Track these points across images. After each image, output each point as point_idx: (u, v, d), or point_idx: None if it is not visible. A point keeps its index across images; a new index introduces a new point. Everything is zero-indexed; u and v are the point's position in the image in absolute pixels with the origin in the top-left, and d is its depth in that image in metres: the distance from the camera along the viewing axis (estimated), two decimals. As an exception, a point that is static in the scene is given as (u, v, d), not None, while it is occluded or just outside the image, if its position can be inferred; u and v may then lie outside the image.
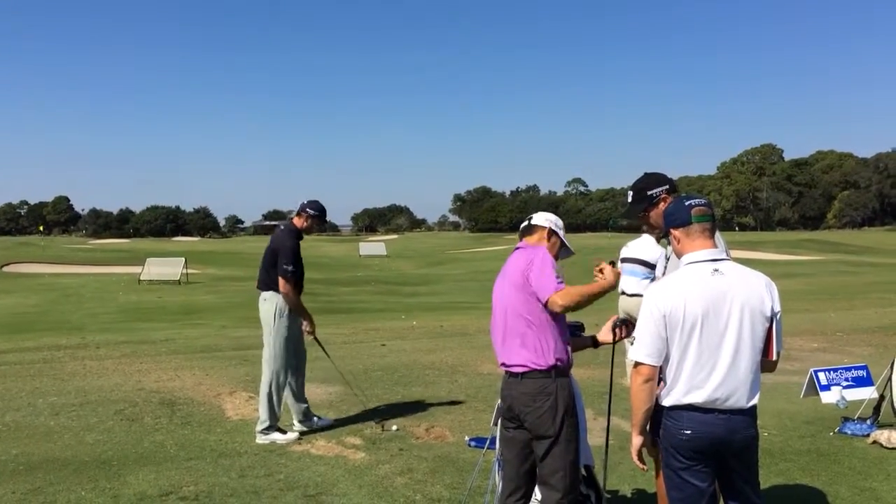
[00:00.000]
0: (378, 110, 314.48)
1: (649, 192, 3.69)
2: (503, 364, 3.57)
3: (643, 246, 6.93)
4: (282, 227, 6.38)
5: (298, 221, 6.28)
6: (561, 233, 3.74)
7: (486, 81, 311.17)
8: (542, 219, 3.75)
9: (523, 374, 3.44)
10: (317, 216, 6.28)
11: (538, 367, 3.40)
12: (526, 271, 3.44)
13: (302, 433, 6.22)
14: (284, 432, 6.05)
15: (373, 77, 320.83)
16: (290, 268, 6.03)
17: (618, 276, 3.53)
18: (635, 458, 3.13)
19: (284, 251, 6.06)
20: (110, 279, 34.61)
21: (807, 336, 11.75)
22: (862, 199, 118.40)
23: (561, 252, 3.76)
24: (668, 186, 3.70)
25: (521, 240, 3.77)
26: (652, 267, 6.72)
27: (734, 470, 3.03)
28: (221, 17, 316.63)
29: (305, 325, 6.34)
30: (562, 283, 3.39)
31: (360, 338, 12.49)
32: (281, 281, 6.04)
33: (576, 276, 3.78)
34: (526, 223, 3.78)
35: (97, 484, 5.03)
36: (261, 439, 6.01)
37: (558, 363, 3.43)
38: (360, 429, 6.43)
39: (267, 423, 6.03)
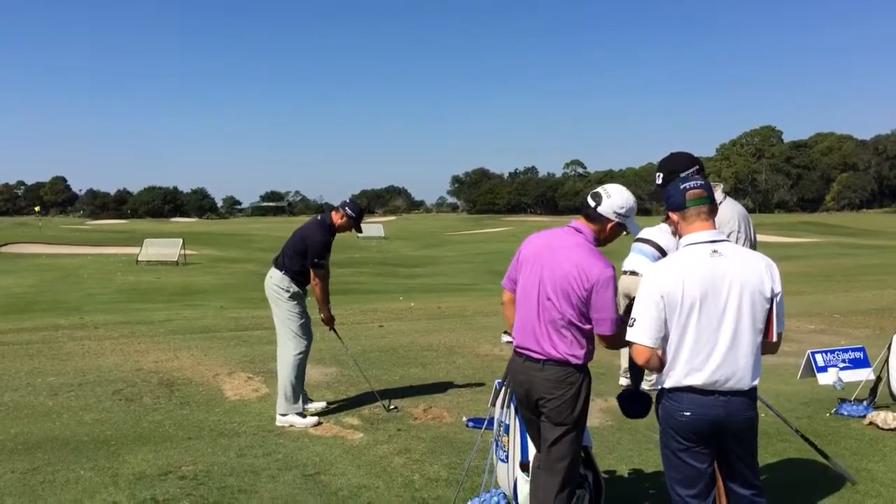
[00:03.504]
0: (377, 92, 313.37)
1: (681, 174, 3.61)
2: (525, 348, 3.41)
3: (659, 232, 7.05)
4: (318, 218, 6.38)
5: (336, 217, 6.29)
6: (628, 220, 3.39)
7: (484, 64, 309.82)
8: (610, 210, 3.34)
9: (546, 360, 3.32)
10: (352, 217, 6.29)
11: (570, 361, 3.29)
12: (590, 292, 3.20)
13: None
14: (304, 416, 6.05)
15: (371, 59, 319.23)
16: (320, 261, 6.13)
17: None
18: None
19: (315, 245, 6.11)
20: (108, 260, 34.56)
21: (804, 318, 11.77)
22: (860, 181, 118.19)
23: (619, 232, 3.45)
24: (698, 167, 3.66)
25: (582, 217, 3.44)
26: (664, 253, 6.77)
27: (733, 451, 3.03)
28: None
29: (321, 316, 6.39)
30: (616, 318, 3.24)
31: (357, 319, 12.50)
32: (312, 274, 6.14)
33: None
34: (593, 204, 3.36)
35: (96, 463, 5.05)
36: (280, 421, 6.01)
37: (587, 359, 3.35)
38: (359, 409, 6.45)
39: (287, 407, 6.03)
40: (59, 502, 4.39)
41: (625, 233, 3.45)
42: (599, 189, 3.44)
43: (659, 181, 3.76)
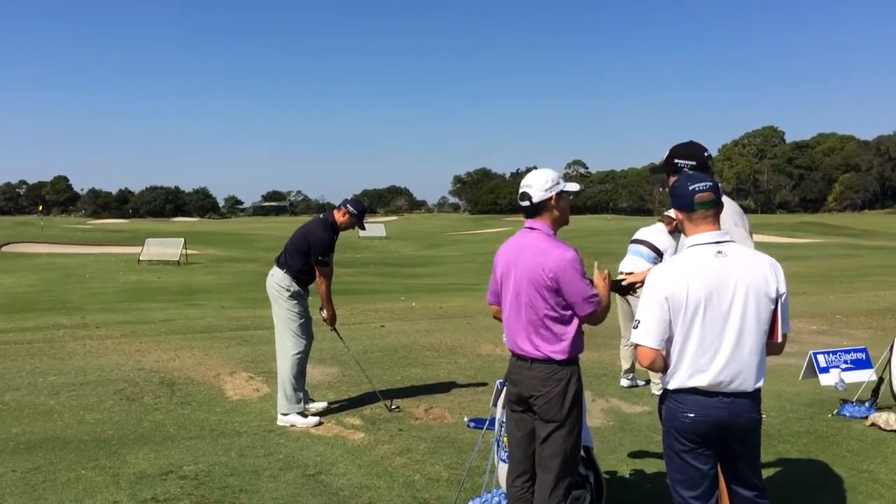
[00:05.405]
0: (378, 91, 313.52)
1: (676, 161, 3.66)
2: (512, 349, 3.49)
3: (655, 232, 7.14)
4: (320, 217, 6.39)
5: (338, 215, 6.29)
6: (560, 185, 3.44)
7: (486, 63, 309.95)
8: (542, 192, 3.40)
9: (533, 359, 3.37)
10: (354, 215, 6.30)
11: (552, 357, 3.32)
12: (555, 280, 3.27)
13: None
14: (305, 416, 6.05)
15: (373, 58, 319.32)
16: (324, 258, 6.13)
17: (605, 284, 3.46)
18: None
19: (318, 243, 6.12)
20: (110, 259, 34.54)
21: (806, 319, 11.75)
22: (863, 181, 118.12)
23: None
24: (694, 163, 3.66)
25: (526, 218, 3.49)
26: (660, 253, 6.81)
27: (736, 453, 3.02)
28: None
29: (324, 314, 6.37)
30: (592, 292, 3.29)
31: (359, 319, 12.49)
32: (317, 272, 6.15)
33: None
34: (528, 203, 3.43)
35: (97, 463, 5.05)
36: (281, 421, 6.01)
37: (572, 354, 3.36)
38: (360, 409, 6.45)
39: (288, 407, 6.02)
40: (61, 502, 4.39)
41: (571, 196, 3.50)
42: (521, 189, 3.49)
43: (662, 159, 3.80)
